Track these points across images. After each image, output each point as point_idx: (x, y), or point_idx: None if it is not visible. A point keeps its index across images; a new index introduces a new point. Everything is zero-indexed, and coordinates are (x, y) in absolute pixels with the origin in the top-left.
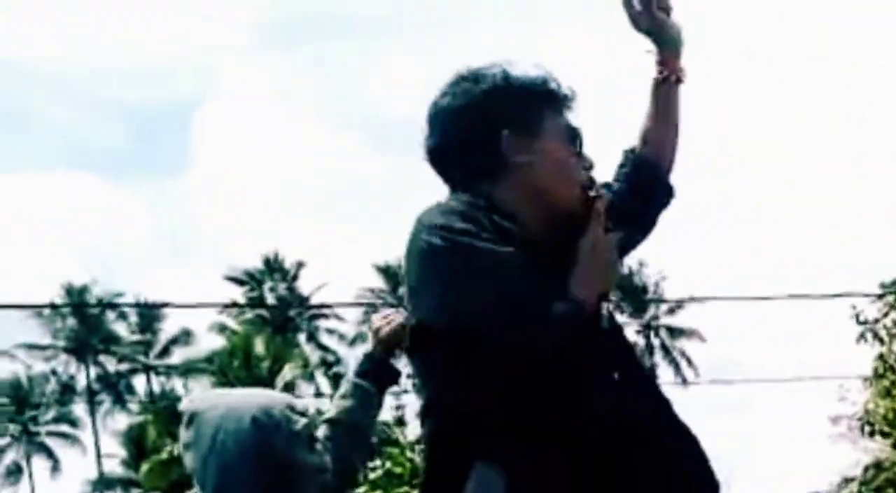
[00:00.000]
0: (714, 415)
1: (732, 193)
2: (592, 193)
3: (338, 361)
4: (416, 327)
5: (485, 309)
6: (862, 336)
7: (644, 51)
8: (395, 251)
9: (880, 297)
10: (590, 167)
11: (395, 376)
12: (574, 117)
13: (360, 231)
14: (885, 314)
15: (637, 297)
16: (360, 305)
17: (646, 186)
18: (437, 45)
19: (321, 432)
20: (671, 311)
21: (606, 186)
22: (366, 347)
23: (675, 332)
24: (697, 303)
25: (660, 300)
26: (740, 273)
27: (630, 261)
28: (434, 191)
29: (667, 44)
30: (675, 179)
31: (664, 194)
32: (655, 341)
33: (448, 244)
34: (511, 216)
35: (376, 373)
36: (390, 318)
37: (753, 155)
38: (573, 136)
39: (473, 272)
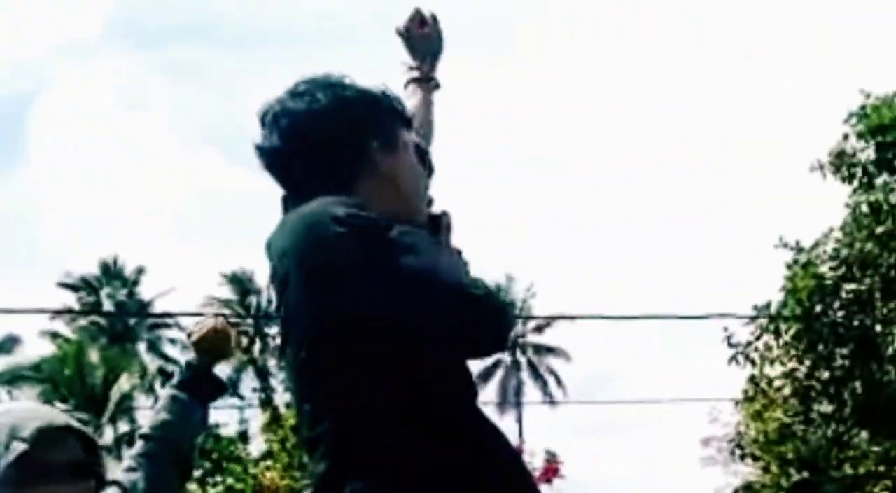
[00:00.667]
0: (583, 436)
1: (606, 209)
2: (438, 211)
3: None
4: (332, 323)
5: (433, 272)
6: (734, 358)
7: (405, 78)
8: (243, 261)
9: (753, 319)
10: (428, 185)
11: (218, 388)
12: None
13: (208, 243)
14: (758, 337)
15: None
16: (203, 315)
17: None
18: (308, 59)
19: (136, 448)
20: (539, 328)
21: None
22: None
23: (542, 350)
24: (567, 321)
25: (528, 317)
26: (612, 291)
27: (497, 275)
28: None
29: (431, 58)
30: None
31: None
32: (522, 359)
33: (366, 226)
34: None
35: (195, 383)
36: (203, 322)
37: (633, 172)
38: (421, 154)
39: (404, 238)
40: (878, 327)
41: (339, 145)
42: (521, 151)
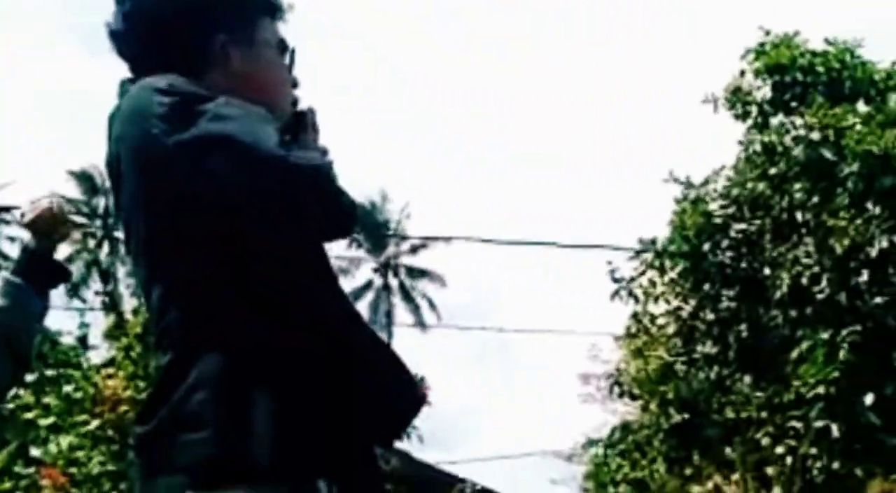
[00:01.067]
0: (457, 364)
1: (491, 131)
2: (301, 108)
3: None
4: (163, 204)
5: (255, 146)
6: (616, 293)
7: None
8: (92, 158)
9: (638, 253)
10: (295, 85)
11: (58, 273)
12: (285, 30)
13: (54, 138)
14: (642, 273)
15: (376, 233)
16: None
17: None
18: None
19: None
20: (413, 250)
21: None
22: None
23: (416, 273)
24: (442, 243)
25: (402, 237)
26: (493, 217)
27: (372, 193)
28: None
29: None
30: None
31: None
32: (394, 282)
33: (188, 98)
34: None
35: (32, 268)
36: (38, 202)
37: (519, 95)
38: (283, 47)
39: (222, 109)
40: (767, 270)
41: (182, 35)
42: (403, 70)
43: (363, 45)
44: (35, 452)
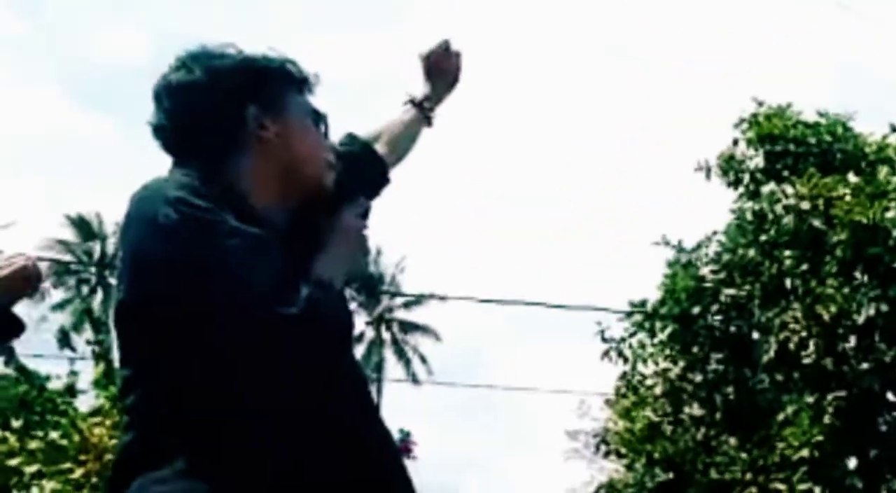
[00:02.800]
0: (446, 419)
1: (486, 191)
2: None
3: None
4: (135, 301)
5: (230, 289)
6: (606, 354)
7: (408, 96)
8: (89, 204)
9: (628, 315)
10: (334, 152)
11: (14, 328)
12: (316, 102)
13: (51, 183)
14: (632, 334)
15: (371, 286)
16: (43, 259)
17: (376, 183)
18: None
19: None
20: (407, 305)
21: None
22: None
23: (409, 327)
24: (437, 300)
25: (395, 294)
26: (487, 275)
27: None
28: (134, 147)
29: (441, 91)
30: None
31: (384, 189)
32: (387, 335)
33: (189, 219)
34: (242, 198)
35: None
36: (13, 260)
37: (515, 154)
38: (317, 118)
39: (217, 250)
40: (755, 335)
41: (215, 116)
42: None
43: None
44: None
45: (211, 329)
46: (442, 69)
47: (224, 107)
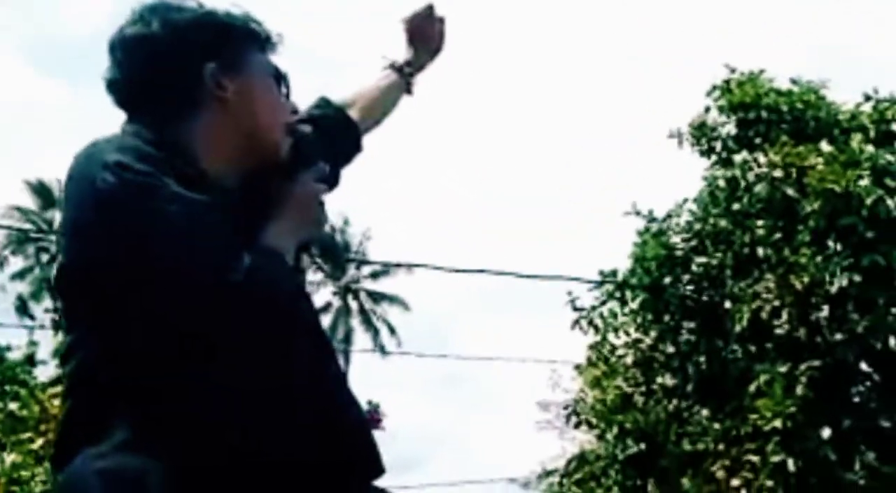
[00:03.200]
0: (415, 390)
1: (456, 158)
2: (300, 138)
3: None
4: (72, 267)
5: (172, 255)
6: (577, 323)
7: (383, 57)
8: (52, 170)
9: (599, 285)
10: (295, 112)
11: None
12: (279, 61)
13: (9, 150)
14: (603, 303)
15: (336, 256)
16: (3, 227)
17: (347, 149)
18: None
19: None
20: (374, 275)
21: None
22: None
23: (377, 297)
24: (404, 269)
25: (363, 262)
26: (455, 243)
27: (334, 217)
28: (93, 112)
29: (423, 57)
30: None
31: (356, 156)
32: (354, 305)
33: (125, 185)
34: (192, 158)
35: None
36: None
37: (486, 123)
38: (279, 78)
39: (157, 217)
40: (727, 304)
41: (170, 72)
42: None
43: (328, 67)
44: None
45: (151, 296)
46: (425, 35)
47: (180, 63)
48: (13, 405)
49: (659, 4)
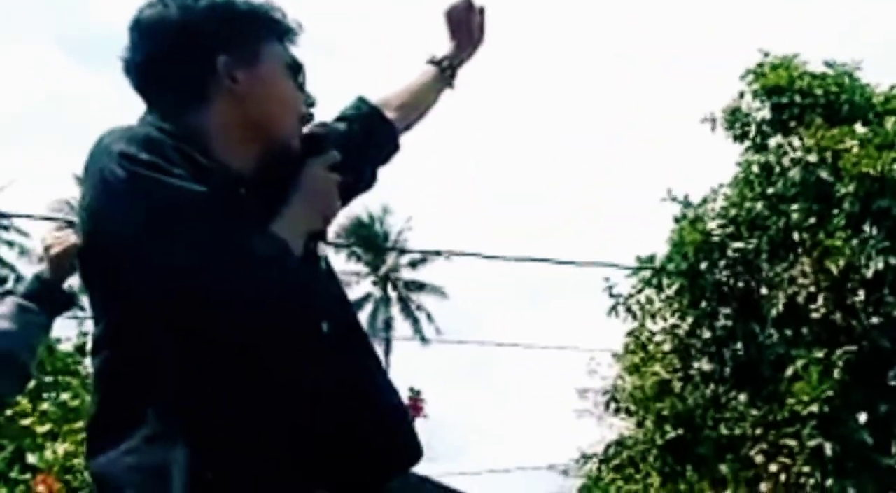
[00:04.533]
0: (454, 377)
1: (496, 147)
2: (313, 129)
3: (17, 279)
4: (88, 252)
5: (171, 252)
6: (614, 309)
7: (429, 56)
8: None
9: (636, 271)
10: (312, 104)
11: (66, 301)
12: (297, 51)
13: (58, 143)
14: (640, 290)
15: (375, 245)
16: (52, 219)
17: (384, 149)
18: None
19: None
20: (413, 264)
21: (324, 125)
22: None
23: (415, 286)
24: (443, 258)
25: (402, 251)
26: (494, 232)
27: (374, 206)
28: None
29: (464, 49)
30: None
31: (394, 155)
32: (393, 294)
33: (131, 177)
34: (206, 148)
35: (43, 295)
36: (63, 236)
37: (522, 112)
38: (295, 69)
39: (158, 210)
40: (763, 289)
41: (183, 59)
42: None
43: (364, 59)
44: (31, 458)
45: (155, 293)
46: (466, 27)
47: (194, 51)
48: (65, 396)
49: None
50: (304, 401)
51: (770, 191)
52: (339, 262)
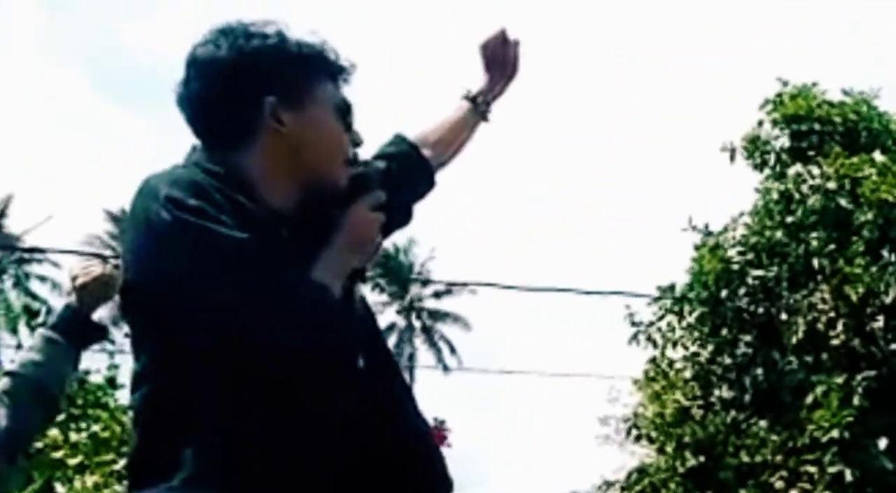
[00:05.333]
0: (478, 406)
1: (516, 179)
2: (359, 171)
3: (48, 311)
4: (131, 291)
5: (214, 297)
6: (635, 338)
7: (464, 91)
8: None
9: (657, 300)
10: (358, 144)
11: (95, 333)
12: (348, 91)
13: (91, 175)
14: (660, 318)
15: (401, 276)
16: (84, 253)
17: (420, 186)
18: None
19: (1, 384)
20: (437, 294)
21: (367, 163)
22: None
23: (439, 316)
24: (467, 289)
25: (426, 281)
26: (516, 262)
27: (400, 239)
28: (178, 143)
29: (499, 83)
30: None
31: (429, 192)
32: (417, 324)
33: (177, 223)
34: (250, 189)
35: (72, 327)
36: (91, 267)
37: (543, 141)
38: (344, 109)
39: (203, 256)
40: (783, 316)
41: (231, 98)
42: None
43: (386, 83)
44: (60, 490)
45: (198, 336)
46: (500, 60)
47: (241, 92)
48: (96, 427)
49: (711, 22)
50: (338, 435)
51: (789, 219)
52: (365, 292)
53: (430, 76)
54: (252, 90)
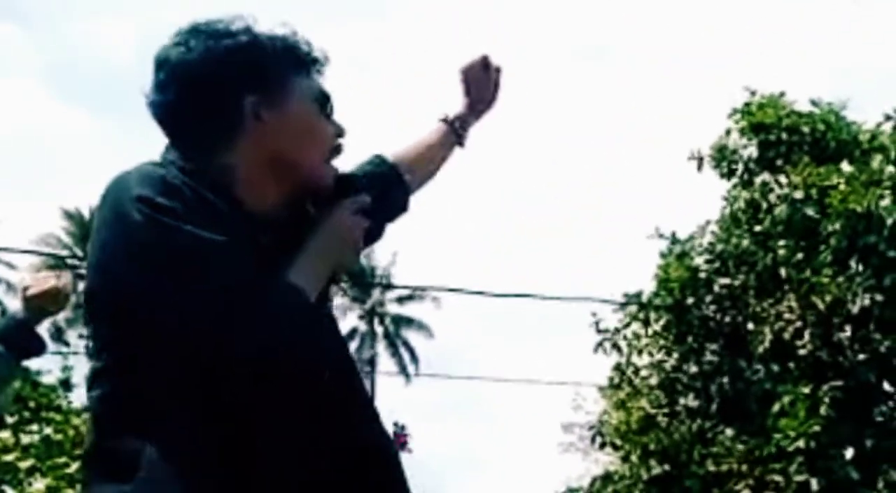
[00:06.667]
0: (440, 413)
1: (481, 185)
2: (345, 172)
3: (3, 312)
4: (98, 291)
5: (182, 299)
6: (600, 345)
7: (442, 115)
8: (87, 198)
9: (623, 306)
10: (340, 134)
11: (36, 345)
12: (324, 82)
13: (46, 176)
14: (626, 325)
15: (362, 280)
16: (39, 253)
17: (394, 206)
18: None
19: None
20: (400, 300)
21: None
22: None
23: (402, 322)
24: (431, 296)
25: (388, 286)
26: (481, 268)
27: None
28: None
29: (477, 108)
30: None
31: (401, 215)
32: (379, 329)
33: (147, 221)
34: (227, 190)
35: (15, 337)
36: (45, 279)
37: (510, 148)
38: (323, 100)
39: (173, 257)
40: (750, 325)
41: (207, 101)
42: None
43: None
44: None
45: (162, 338)
46: (480, 86)
47: (219, 94)
48: (48, 430)
49: (679, 31)
50: (299, 440)
51: (757, 228)
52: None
53: (430, 76)
54: (229, 92)
